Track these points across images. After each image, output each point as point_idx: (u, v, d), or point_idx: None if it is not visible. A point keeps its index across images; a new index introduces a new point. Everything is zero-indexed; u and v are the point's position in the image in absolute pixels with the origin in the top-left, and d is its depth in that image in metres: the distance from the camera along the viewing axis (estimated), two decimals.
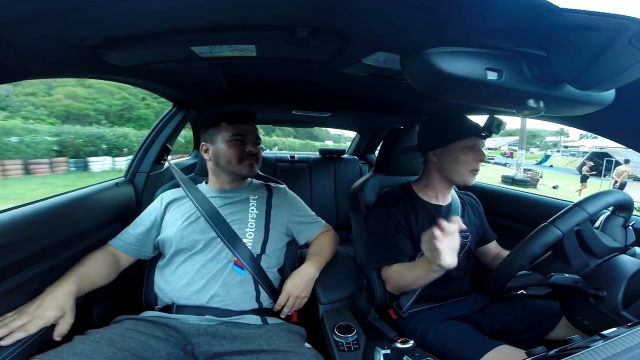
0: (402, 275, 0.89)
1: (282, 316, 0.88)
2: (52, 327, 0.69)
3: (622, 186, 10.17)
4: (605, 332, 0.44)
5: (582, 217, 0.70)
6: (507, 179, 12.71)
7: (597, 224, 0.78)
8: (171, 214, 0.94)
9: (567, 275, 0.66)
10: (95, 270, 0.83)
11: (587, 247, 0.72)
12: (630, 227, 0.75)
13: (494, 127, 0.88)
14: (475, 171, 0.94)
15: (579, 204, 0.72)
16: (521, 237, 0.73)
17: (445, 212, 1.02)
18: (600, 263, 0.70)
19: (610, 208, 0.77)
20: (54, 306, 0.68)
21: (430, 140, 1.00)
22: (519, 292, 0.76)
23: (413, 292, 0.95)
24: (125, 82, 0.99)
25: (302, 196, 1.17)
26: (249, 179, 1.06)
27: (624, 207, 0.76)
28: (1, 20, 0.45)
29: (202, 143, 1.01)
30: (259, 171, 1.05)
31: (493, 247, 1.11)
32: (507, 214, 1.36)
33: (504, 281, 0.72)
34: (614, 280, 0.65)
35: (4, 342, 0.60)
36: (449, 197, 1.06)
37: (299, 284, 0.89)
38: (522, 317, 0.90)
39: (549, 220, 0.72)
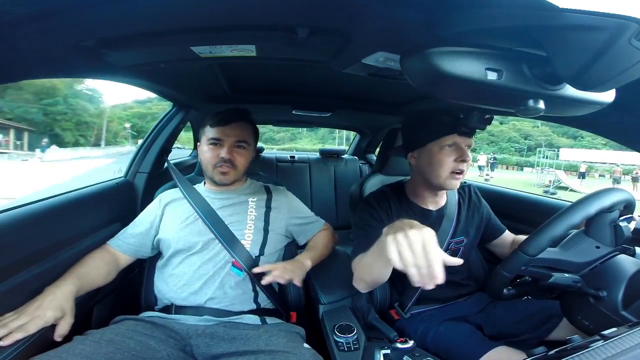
0: (359, 262, 0.81)
1: (264, 281, 0.80)
2: (52, 327, 0.69)
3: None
4: (605, 332, 0.45)
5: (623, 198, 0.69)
6: None
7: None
8: (170, 215, 0.94)
9: (567, 275, 0.66)
10: (94, 270, 0.83)
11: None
12: (619, 224, 0.69)
13: (475, 122, 0.78)
14: (457, 173, 0.84)
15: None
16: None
17: (436, 218, 0.95)
18: (600, 263, 0.70)
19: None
20: (53, 307, 0.68)
21: (408, 141, 0.94)
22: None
23: (415, 292, 0.95)
24: (125, 82, 0.99)
25: (302, 196, 1.17)
26: (248, 180, 1.06)
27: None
28: (1, 20, 0.45)
29: (198, 142, 1.02)
30: (260, 172, 1.05)
31: (507, 236, 1.07)
32: (507, 214, 1.36)
33: (545, 243, 0.65)
34: (614, 280, 0.65)
35: (3, 343, 0.60)
36: (442, 199, 0.98)
37: (290, 265, 0.88)
38: (523, 318, 0.90)
39: (602, 189, 0.70)
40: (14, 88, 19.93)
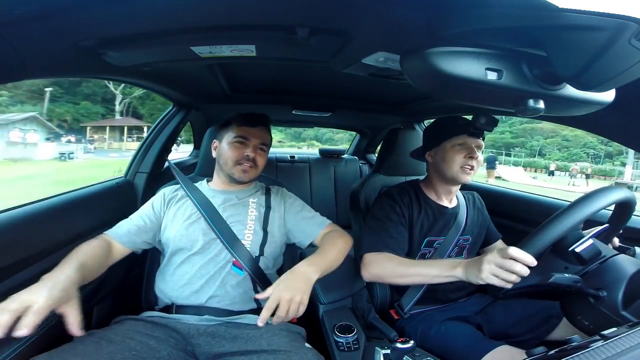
0: (397, 266, 0.86)
1: (275, 322, 0.70)
2: (52, 327, 0.69)
3: None
4: (605, 332, 0.44)
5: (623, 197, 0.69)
6: None
7: None
8: (172, 213, 0.94)
9: (567, 275, 0.66)
10: (92, 260, 0.75)
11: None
12: (575, 250, 0.68)
13: (481, 124, 0.88)
14: (467, 168, 0.94)
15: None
16: (522, 237, 0.72)
17: (451, 215, 1.03)
18: (599, 263, 0.70)
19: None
20: (59, 289, 0.59)
21: (427, 142, 1.05)
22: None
23: (415, 292, 0.95)
24: (125, 82, 0.99)
25: (302, 196, 1.16)
26: (252, 182, 1.05)
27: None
28: (1, 20, 0.45)
29: (214, 140, 1.02)
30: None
31: (499, 245, 1.11)
32: (507, 214, 1.36)
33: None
34: (614, 280, 0.65)
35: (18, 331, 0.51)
36: (454, 199, 1.07)
37: (290, 284, 0.71)
38: (522, 319, 0.90)
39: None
40: (150, 99, 26.69)
